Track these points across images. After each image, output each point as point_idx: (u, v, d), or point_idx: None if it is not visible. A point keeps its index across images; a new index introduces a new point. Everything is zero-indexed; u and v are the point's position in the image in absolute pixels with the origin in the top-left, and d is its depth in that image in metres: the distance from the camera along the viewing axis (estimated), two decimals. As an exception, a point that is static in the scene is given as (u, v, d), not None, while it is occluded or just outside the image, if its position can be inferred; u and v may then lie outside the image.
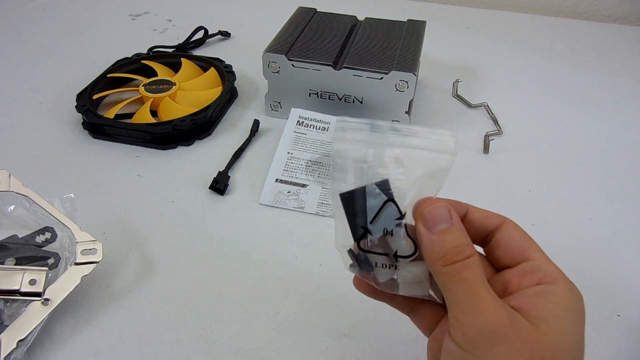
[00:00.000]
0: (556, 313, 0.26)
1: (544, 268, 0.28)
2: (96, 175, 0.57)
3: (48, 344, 0.40)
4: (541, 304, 0.26)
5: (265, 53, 0.61)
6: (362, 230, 0.29)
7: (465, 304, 0.26)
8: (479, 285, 0.26)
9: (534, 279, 0.28)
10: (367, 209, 0.29)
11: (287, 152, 0.58)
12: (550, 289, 0.27)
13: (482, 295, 0.26)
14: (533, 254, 0.29)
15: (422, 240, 0.28)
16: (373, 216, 0.29)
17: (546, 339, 0.25)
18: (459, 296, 0.26)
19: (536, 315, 0.26)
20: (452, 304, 0.27)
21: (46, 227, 0.47)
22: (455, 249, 0.27)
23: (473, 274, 0.26)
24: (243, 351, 0.40)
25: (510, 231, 0.30)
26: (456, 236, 0.27)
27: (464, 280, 0.26)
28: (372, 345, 0.41)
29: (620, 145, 0.64)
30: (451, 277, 0.27)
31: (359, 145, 0.29)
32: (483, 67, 0.80)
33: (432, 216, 0.28)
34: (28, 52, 0.82)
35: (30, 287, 0.40)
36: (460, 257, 0.27)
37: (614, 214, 0.54)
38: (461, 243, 0.27)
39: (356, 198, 0.29)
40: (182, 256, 0.48)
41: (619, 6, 1.00)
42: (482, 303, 0.25)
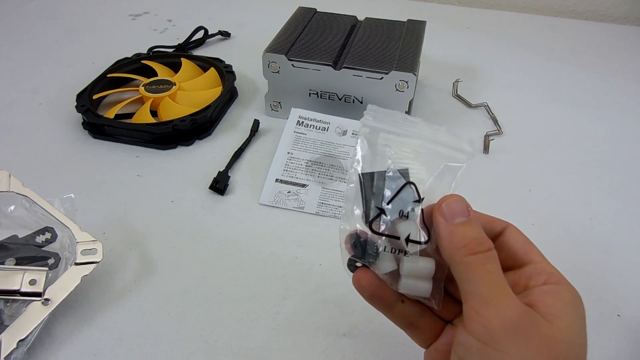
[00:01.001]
0: (566, 311, 0.26)
1: (548, 270, 0.29)
2: (96, 175, 0.57)
3: (48, 344, 0.40)
4: (551, 302, 0.27)
5: (265, 53, 0.61)
6: (377, 211, 0.29)
7: (488, 295, 0.26)
8: (500, 279, 0.26)
9: (540, 280, 0.28)
10: (386, 191, 0.29)
11: (287, 152, 0.58)
12: (557, 289, 0.28)
13: (504, 289, 0.26)
14: (536, 257, 0.30)
15: (440, 231, 0.28)
16: (391, 197, 0.29)
17: (561, 335, 0.25)
18: (482, 287, 0.26)
19: (548, 312, 0.26)
20: (472, 295, 0.26)
21: (46, 227, 0.47)
22: (476, 240, 0.27)
23: (495, 267, 0.27)
24: (243, 351, 0.40)
25: (513, 235, 0.31)
26: (476, 229, 0.28)
27: (487, 272, 0.26)
28: (372, 345, 0.41)
29: (620, 145, 0.64)
30: (474, 268, 0.27)
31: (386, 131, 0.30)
32: (483, 67, 0.80)
33: (451, 208, 0.28)
34: (28, 52, 0.82)
35: (31, 287, 0.40)
36: (482, 249, 0.27)
37: (614, 214, 0.54)
38: (481, 235, 0.28)
39: (376, 179, 0.29)
40: (182, 256, 0.48)
41: (619, 6, 1.00)
42: (505, 296, 0.26)
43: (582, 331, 0.27)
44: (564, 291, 0.28)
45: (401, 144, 0.30)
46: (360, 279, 0.31)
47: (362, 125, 0.30)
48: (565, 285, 0.28)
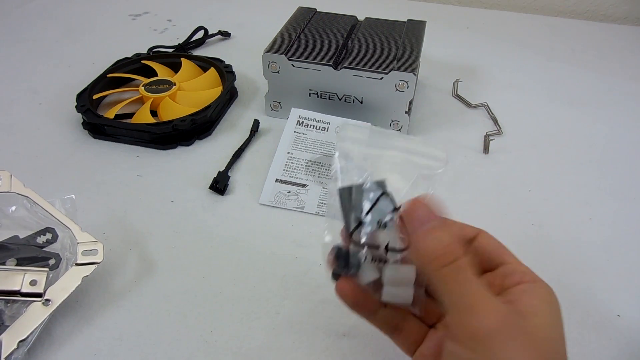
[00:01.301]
0: (543, 308, 0.27)
1: (521, 270, 0.30)
2: (96, 175, 0.57)
3: (48, 344, 0.40)
4: (528, 300, 0.27)
5: (265, 53, 0.61)
6: (357, 222, 0.30)
7: (469, 305, 0.26)
8: (478, 286, 0.26)
9: (515, 279, 0.29)
10: (364, 203, 0.30)
11: (287, 152, 0.58)
12: (532, 286, 0.28)
13: (484, 295, 0.26)
14: (509, 258, 0.31)
15: (412, 239, 0.28)
16: (368, 209, 0.30)
17: (541, 331, 0.26)
18: (461, 298, 0.26)
19: (527, 310, 0.27)
20: (454, 306, 0.27)
21: (47, 227, 0.47)
22: (447, 248, 0.27)
23: (470, 275, 0.27)
24: (243, 351, 0.40)
25: (486, 239, 0.32)
26: (446, 234, 0.28)
27: (464, 282, 0.27)
28: (372, 345, 0.41)
29: (620, 145, 0.64)
30: (449, 280, 0.27)
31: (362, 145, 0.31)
32: (483, 67, 0.80)
33: (419, 214, 0.28)
34: (28, 52, 0.82)
35: (31, 288, 0.40)
36: (453, 258, 0.27)
37: (614, 214, 0.54)
38: (451, 241, 0.28)
39: (354, 192, 0.30)
40: (182, 256, 0.48)
41: (619, 6, 1.00)
42: (485, 302, 0.26)
43: (559, 326, 0.27)
44: (538, 288, 0.28)
45: (377, 156, 0.31)
46: (343, 289, 0.31)
47: (338, 142, 0.31)
48: (539, 283, 0.29)
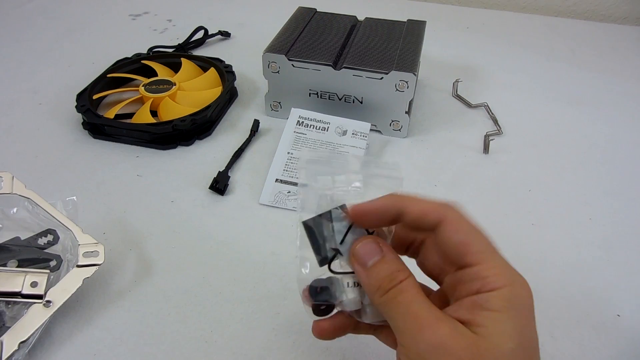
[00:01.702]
0: (492, 318, 0.26)
1: (483, 275, 0.27)
2: (96, 175, 0.57)
3: (48, 344, 0.40)
4: (478, 312, 0.26)
5: (265, 53, 0.61)
6: (333, 252, 0.30)
7: (404, 326, 0.26)
8: (414, 305, 0.26)
9: (473, 288, 0.27)
10: (335, 231, 0.30)
11: (287, 152, 0.58)
12: (487, 297, 0.26)
13: (418, 313, 0.26)
14: (472, 259, 0.27)
15: (359, 277, 0.29)
16: (342, 237, 0.30)
17: (486, 343, 0.25)
18: (398, 320, 0.27)
19: (473, 322, 0.26)
20: (395, 329, 0.27)
21: (48, 229, 0.46)
22: (388, 277, 0.27)
23: (407, 295, 0.27)
24: (243, 351, 0.40)
25: (447, 235, 0.28)
26: (387, 265, 0.28)
27: (399, 304, 0.27)
28: (372, 345, 0.41)
29: (620, 145, 0.64)
30: (389, 305, 0.27)
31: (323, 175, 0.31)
32: (483, 67, 0.80)
33: (363, 252, 0.29)
34: (28, 52, 0.82)
35: (32, 290, 0.40)
36: (393, 284, 0.27)
37: (614, 214, 0.54)
38: (393, 270, 0.28)
39: (324, 222, 0.30)
40: (182, 256, 0.48)
41: (619, 6, 1.00)
42: (419, 321, 0.26)
43: (514, 334, 0.25)
44: (494, 297, 0.26)
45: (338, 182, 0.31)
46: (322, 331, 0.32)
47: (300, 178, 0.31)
48: (500, 290, 0.26)
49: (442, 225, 0.28)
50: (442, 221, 0.28)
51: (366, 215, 0.30)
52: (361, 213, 0.30)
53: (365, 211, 0.30)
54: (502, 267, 0.27)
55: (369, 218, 0.30)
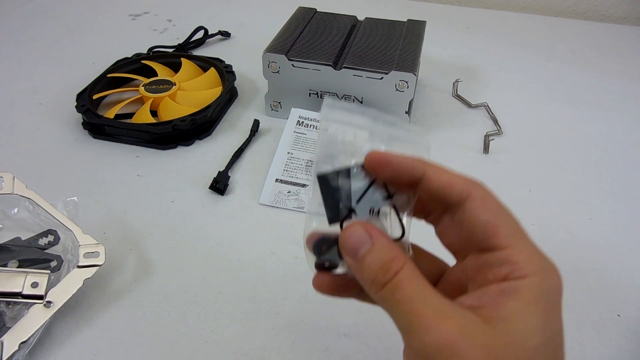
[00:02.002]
0: (520, 310, 0.23)
1: (513, 260, 0.24)
2: (96, 175, 0.57)
3: (48, 344, 0.40)
4: (504, 302, 0.23)
5: (265, 53, 0.61)
6: (347, 211, 0.27)
7: (407, 326, 0.24)
8: (416, 302, 0.24)
9: (501, 274, 0.24)
10: (352, 189, 0.27)
11: (287, 152, 0.58)
12: (517, 285, 0.24)
13: (422, 311, 0.23)
14: (501, 242, 0.25)
15: (353, 270, 0.26)
16: (359, 196, 0.27)
17: (505, 340, 0.22)
18: (401, 319, 0.24)
19: (497, 315, 0.23)
20: (399, 328, 0.25)
21: (49, 229, 0.47)
22: (381, 270, 0.25)
23: (407, 290, 0.24)
24: (243, 351, 0.40)
25: (474, 212, 0.25)
26: (379, 255, 0.25)
27: (398, 303, 0.24)
28: (372, 345, 0.41)
29: (620, 145, 0.64)
30: (387, 303, 0.25)
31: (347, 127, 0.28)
32: (483, 67, 0.80)
33: (352, 243, 0.26)
34: (28, 52, 0.82)
35: (32, 290, 0.40)
36: (388, 277, 0.24)
37: (614, 214, 0.54)
38: (385, 260, 0.25)
39: (340, 178, 0.27)
40: (182, 256, 0.48)
41: (619, 6, 1.00)
42: (424, 320, 0.23)
43: (540, 329, 0.23)
44: (524, 287, 0.24)
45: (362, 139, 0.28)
46: (321, 284, 0.29)
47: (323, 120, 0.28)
48: (530, 278, 0.24)
49: (469, 201, 0.26)
50: (469, 197, 0.26)
51: (385, 165, 0.27)
52: (380, 160, 0.27)
53: (386, 160, 0.27)
54: (532, 252, 0.25)
55: (386, 169, 0.27)
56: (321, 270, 0.29)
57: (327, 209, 0.27)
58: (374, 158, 0.27)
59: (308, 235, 0.28)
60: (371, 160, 0.27)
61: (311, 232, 0.28)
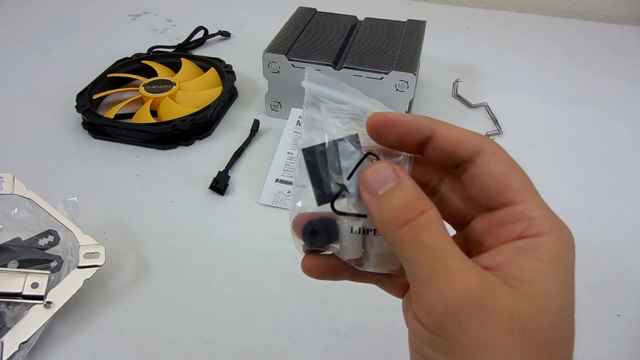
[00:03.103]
0: (541, 272, 0.21)
1: (528, 215, 0.22)
2: (96, 175, 0.57)
3: (48, 344, 0.40)
4: (523, 262, 0.22)
5: (265, 53, 0.61)
6: (338, 188, 0.24)
7: (427, 275, 0.21)
8: (441, 250, 0.21)
9: (515, 231, 0.22)
10: (342, 164, 0.25)
11: (287, 152, 0.58)
12: (534, 243, 0.22)
13: (447, 262, 0.21)
14: (515, 196, 0.23)
15: (369, 208, 0.23)
16: (350, 171, 0.24)
17: (528, 304, 0.21)
18: (419, 266, 0.21)
19: (517, 276, 0.21)
20: (413, 276, 0.22)
21: (49, 230, 0.47)
22: (405, 206, 0.22)
23: (432, 235, 0.21)
24: (243, 351, 0.40)
25: (487, 165, 0.24)
26: (404, 192, 0.22)
27: (421, 246, 0.21)
28: (372, 345, 0.41)
29: (620, 145, 0.64)
30: (407, 244, 0.22)
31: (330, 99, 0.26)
32: (483, 67, 0.80)
33: (375, 178, 0.23)
34: (28, 52, 0.82)
35: (33, 290, 0.41)
36: (412, 215, 0.22)
37: (614, 214, 0.54)
38: (412, 198, 0.22)
39: (328, 153, 0.25)
40: (182, 256, 0.48)
41: (619, 6, 1.00)
42: (447, 272, 0.21)
43: (560, 293, 0.21)
44: (543, 245, 0.22)
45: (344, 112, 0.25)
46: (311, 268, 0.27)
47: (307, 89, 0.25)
48: (548, 235, 0.22)
49: (481, 155, 0.24)
50: (482, 150, 0.24)
51: (392, 126, 0.24)
52: (386, 121, 0.24)
53: (393, 120, 0.24)
54: (546, 209, 0.23)
55: (393, 130, 0.24)
56: (310, 251, 0.27)
57: (315, 187, 0.25)
58: (378, 120, 0.24)
59: (294, 218, 0.26)
60: (375, 123, 0.24)
61: (297, 215, 0.26)
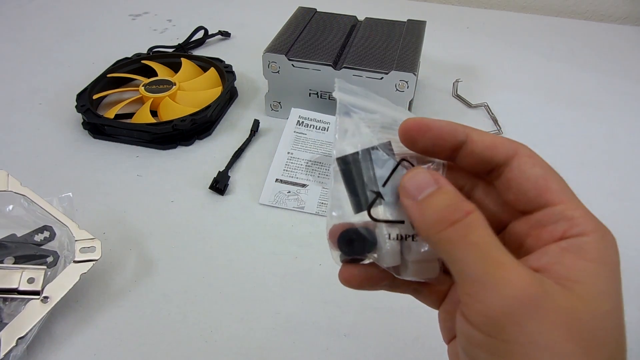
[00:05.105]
0: (590, 272, 0.21)
1: (569, 215, 0.22)
2: (96, 175, 0.57)
3: (48, 344, 0.40)
4: (571, 262, 0.21)
5: (265, 53, 0.61)
6: (374, 195, 0.25)
7: (480, 275, 0.20)
8: (493, 249, 0.21)
9: (557, 232, 0.22)
10: (377, 172, 0.25)
11: (287, 152, 0.58)
12: (579, 242, 0.21)
13: (501, 260, 0.20)
14: (554, 197, 0.23)
15: (410, 212, 0.23)
16: (385, 179, 0.25)
17: (583, 304, 0.20)
18: (471, 266, 0.21)
19: (567, 276, 0.21)
20: (463, 277, 0.21)
21: (45, 225, 0.47)
22: (449, 208, 0.22)
23: (482, 234, 0.21)
24: (243, 351, 0.40)
25: (523, 167, 0.23)
26: (447, 195, 0.22)
27: (472, 245, 0.21)
28: (372, 345, 0.41)
29: (620, 145, 0.64)
30: (455, 244, 0.21)
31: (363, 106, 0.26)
32: (483, 67, 0.80)
33: (414, 184, 0.23)
34: (28, 52, 0.82)
35: (29, 286, 0.41)
36: (459, 215, 0.21)
37: (614, 214, 0.54)
38: (455, 200, 0.22)
39: (361, 161, 0.25)
40: (182, 256, 0.48)
41: (619, 6, 1.00)
42: (503, 271, 0.20)
43: (611, 293, 0.21)
44: (588, 244, 0.21)
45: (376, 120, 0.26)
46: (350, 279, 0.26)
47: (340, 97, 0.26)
48: (592, 235, 0.22)
49: (517, 158, 0.24)
50: (516, 154, 0.24)
51: (426, 131, 0.24)
52: (420, 127, 0.24)
53: (426, 125, 0.24)
54: (586, 209, 0.23)
55: (426, 135, 0.24)
56: (347, 261, 0.26)
57: (351, 195, 0.25)
58: (411, 125, 0.24)
59: (330, 229, 0.26)
60: (409, 128, 0.24)
61: (333, 225, 0.25)
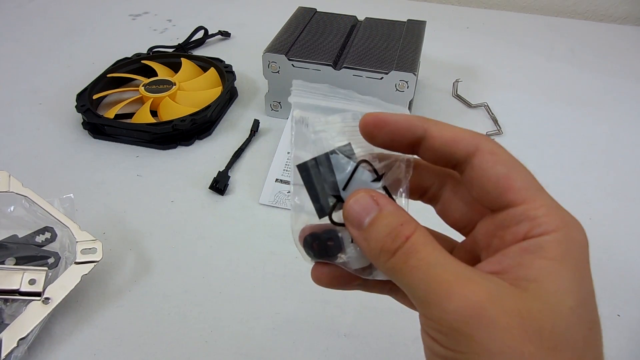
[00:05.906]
0: (549, 270, 0.21)
1: (531, 215, 0.22)
2: (96, 175, 0.57)
3: (48, 344, 0.40)
4: (529, 262, 0.21)
5: (265, 53, 0.61)
6: (334, 199, 0.25)
7: (426, 296, 0.20)
8: (434, 267, 0.21)
9: (520, 233, 0.22)
10: (337, 175, 0.25)
11: (287, 152, 0.58)
12: (540, 242, 0.21)
13: (442, 276, 0.20)
14: (516, 197, 0.22)
15: (358, 244, 0.23)
16: (345, 182, 0.25)
17: (538, 303, 0.20)
18: (416, 290, 0.21)
19: (524, 276, 0.20)
20: (414, 299, 0.21)
21: (46, 227, 0.47)
22: (390, 235, 0.22)
23: (422, 256, 0.21)
24: (243, 351, 0.40)
25: (484, 166, 0.23)
26: (386, 220, 0.22)
27: (414, 269, 0.21)
28: (372, 345, 0.41)
29: (620, 145, 0.64)
30: (400, 272, 0.21)
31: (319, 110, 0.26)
32: (483, 67, 0.80)
33: (356, 212, 0.23)
34: (28, 52, 0.82)
35: (30, 287, 0.41)
36: (398, 242, 0.21)
37: (614, 214, 0.54)
38: (394, 225, 0.22)
39: (320, 165, 0.25)
40: (182, 256, 0.48)
41: (619, 6, 1.00)
42: (445, 286, 0.20)
43: (573, 290, 0.21)
44: (548, 243, 0.21)
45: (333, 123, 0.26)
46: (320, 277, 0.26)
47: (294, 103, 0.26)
48: (553, 233, 0.21)
49: (478, 155, 0.23)
50: (477, 151, 0.23)
51: (383, 126, 0.24)
52: (376, 122, 0.24)
53: (383, 120, 0.24)
54: (551, 206, 0.22)
55: (383, 130, 0.24)
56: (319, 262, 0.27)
57: (313, 201, 0.25)
58: (369, 120, 0.24)
59: (299, 233, 0.26)
60: (367, 124, 0.24)
61: (302, 229, 0.26)
